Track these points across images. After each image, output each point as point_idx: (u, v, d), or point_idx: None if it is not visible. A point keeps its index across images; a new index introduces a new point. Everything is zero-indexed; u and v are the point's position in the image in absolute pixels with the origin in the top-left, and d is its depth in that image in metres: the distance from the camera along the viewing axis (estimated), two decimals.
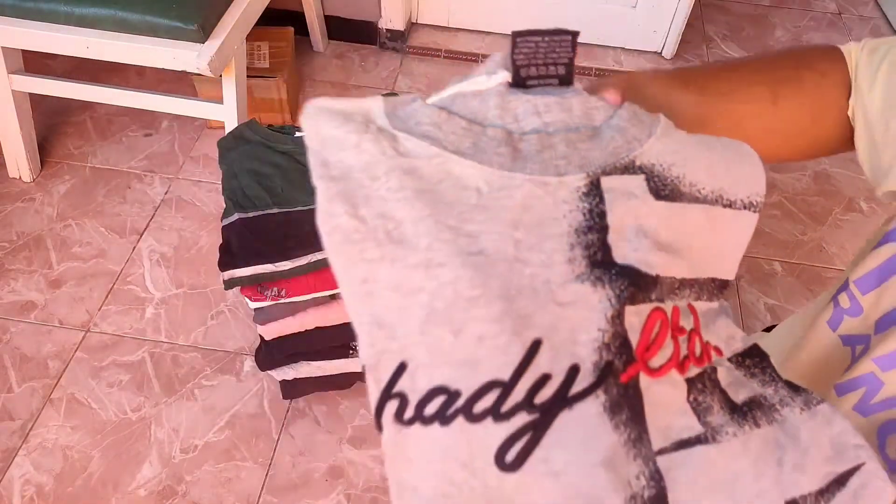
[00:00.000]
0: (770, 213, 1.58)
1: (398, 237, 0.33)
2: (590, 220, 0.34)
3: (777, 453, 0.36)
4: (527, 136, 0.35)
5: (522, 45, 0.37)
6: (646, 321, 0.34)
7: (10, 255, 1.41)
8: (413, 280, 0.33)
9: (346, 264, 0.34)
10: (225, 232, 0.98)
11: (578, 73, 1.94)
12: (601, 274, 0.33)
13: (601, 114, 0.37)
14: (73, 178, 1.57)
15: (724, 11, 2.19)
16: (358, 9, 1.91)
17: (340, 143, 0.35)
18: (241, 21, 1.33)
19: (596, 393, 0.32)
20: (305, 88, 1.84)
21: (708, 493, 0.34)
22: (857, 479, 0.36)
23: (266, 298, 0.97)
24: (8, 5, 1.27)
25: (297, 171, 1.03)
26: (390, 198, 0.33)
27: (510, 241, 0.33)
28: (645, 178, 0.36)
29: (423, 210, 0.33)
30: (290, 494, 1.11)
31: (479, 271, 0.32)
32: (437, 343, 0.33)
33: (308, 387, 1.16)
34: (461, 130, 0.35)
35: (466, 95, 0.37)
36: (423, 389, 0.33)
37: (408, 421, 0.33)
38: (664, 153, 0.37)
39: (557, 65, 0.38)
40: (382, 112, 0.36)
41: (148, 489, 1.10)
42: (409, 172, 0.34)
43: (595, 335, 0.32)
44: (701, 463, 0.34)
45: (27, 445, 1.15)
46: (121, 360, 1.26)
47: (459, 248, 0.33)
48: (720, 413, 0.36)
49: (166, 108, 1.46)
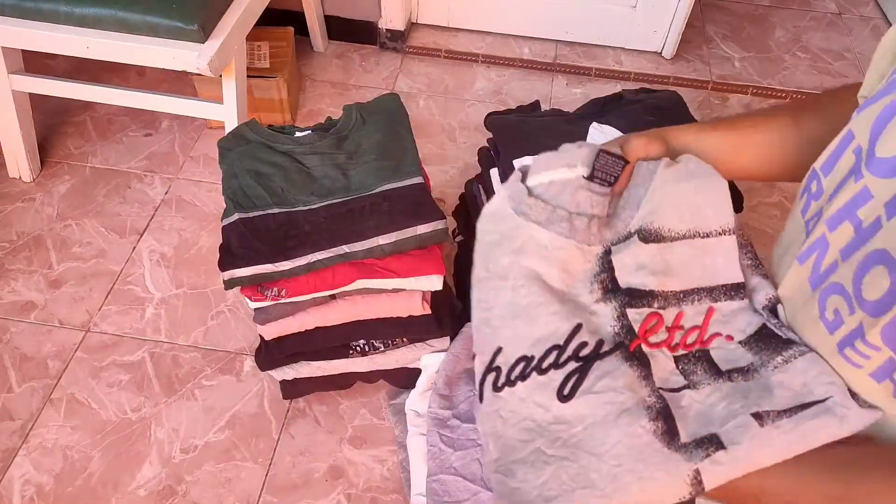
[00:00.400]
0: (770, 213, 1.58)
1: (503, 273, 0.61)
2: (603, 269, 0.62)
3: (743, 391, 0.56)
4: (579, 217, 0.62)
5: (601, 157, 0.63)
6: (644, 318, 0.60)
7: (10, 255, 1.41)
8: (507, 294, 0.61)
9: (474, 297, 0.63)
10: (225, 232, 0.98)
11: (580, 74, 1.94)
12: (610, 296, 0.61)
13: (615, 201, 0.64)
14: (73, 178, 1.57)
15: (724, 11, 2.19)
16: (358, 9, 1.91)
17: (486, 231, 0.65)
18: (241, 21, 1.33)
19: (615, 353, 0.57)
20: (305, 88, 1.84)
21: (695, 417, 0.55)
22: (822, 406, 0.51)
23: (266, 298, 0.97)
24: (8, 5, 1.27)
25: (298, 171, 1.03)
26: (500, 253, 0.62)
27: (560, 276, 0.61)
28: (637, 236, 0.61)
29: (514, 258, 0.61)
30: (290, 494, 1.11)
31: (544, 289, 0.60)
32: (519, 330, 0.59)
33: (308, 387, 1.16)
34: (541, 208, 0.62)
35: (555, 182, 0.63)
36: (511, 361, 0.58)
37: (500, 387, 0.58)
38: (646, 216, 0.61)
39: (612, 175, 0.63)
40: (508, 203, 0.63)
41: (148, 489, 1.10)
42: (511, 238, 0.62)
43: (609, 327, 0.60)
44: (686, 399, 0.57)
45: (27, 445, 1.15)
46: (121, 360, 1.26)
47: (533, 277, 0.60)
48: (702, 374, 0.58)
49: (166, 108, 1.46)
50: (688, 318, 0.61)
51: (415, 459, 1.06)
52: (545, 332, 0.59)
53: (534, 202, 0.62)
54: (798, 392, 0.53)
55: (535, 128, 1.10)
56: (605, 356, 0.57)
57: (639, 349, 0.58)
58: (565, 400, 0.56)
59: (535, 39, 2.01)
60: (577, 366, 0.57)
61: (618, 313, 0.60)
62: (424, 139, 1.68)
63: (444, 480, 0.84)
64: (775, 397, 0.53)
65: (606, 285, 0.61)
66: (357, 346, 1.08)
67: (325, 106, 1.79)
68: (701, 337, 0.60)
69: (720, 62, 1.99)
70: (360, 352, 1.09)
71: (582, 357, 0.57)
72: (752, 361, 0.58)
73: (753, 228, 1.54)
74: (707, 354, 0.59)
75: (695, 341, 0.60)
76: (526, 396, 0.57)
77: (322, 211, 0.98)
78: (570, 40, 2.01)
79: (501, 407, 0.58)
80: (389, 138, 1.06)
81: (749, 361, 0.58)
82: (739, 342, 0.60)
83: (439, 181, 1.59)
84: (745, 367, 0.58)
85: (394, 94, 1.14)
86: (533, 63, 1.94)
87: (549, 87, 1.89)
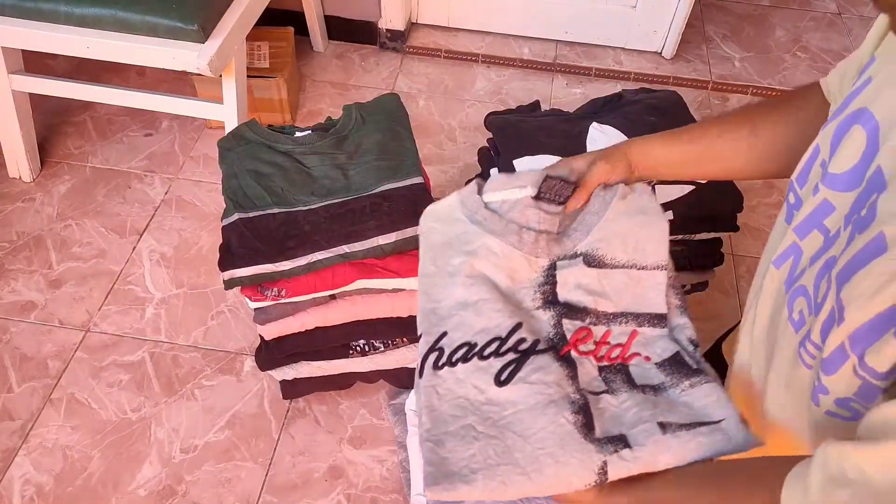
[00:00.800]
0: (770, 213, 1.58)
1: (452, 271, 0.69)
2: (547, 281, 0.70)
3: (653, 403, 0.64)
4: (527, 231, 0.71)
5: (548, 181, 0.71)
6: (577, 330, 0.69)
7: (10, 255, 1.41)
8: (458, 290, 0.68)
9: (422, 287, 0.70)
10: (225, 232, 0.98)
11: (580, 74, 1.94)
12: (550, 306, 0.70)
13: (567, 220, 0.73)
14: (73, 178, 1.57)
15: (724, 11, 2.19)
16: (358, 9, 1.91)
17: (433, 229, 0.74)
18: (241, 21, 1.33)
19: (549, 352, 0.65)
20: (305, 88, 1.84)
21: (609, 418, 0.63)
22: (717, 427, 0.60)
23: (266, 298, 0.97)
24: (8, 5, 1.27)
25: (298, 171, 1.03)
26: (452, 253, 0.70)
27: (507, 282, 0.70)
28: (582, 258, 0.70)
29: (466, 258, 0.69)
30: (290, 494, 1.11)
31: (492, 289, 0.68)
32: (466, 319, 0.66)
33: (308, 387, 1.16)
34: (495, 220, 0.71)
35: (507, 201, 0.72)
36: (454, 345, 0.65)
37: (440, 366, 0.65)
38: (594, 243, 0.70)
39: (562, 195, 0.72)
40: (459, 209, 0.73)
41: (148, 489, 1.10)
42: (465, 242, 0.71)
43: (545, 332, 0.68)
44: (604, 402, 0.64)
45: (27, 445, 1.15)
46: (121, 360, 1.26)
47: (483, 278, 0.69)
48: (620, 384, 0.66)
49: (166, 108, 1.46)
50: (614, 336, 0.70)
51: (414, 459, 1.06)
52: (489, 325, 0.66)
53: (489, 214, 0.72)
54: (698, 412, 0.62)
55: (534, 128, 1.10)
56: (541, 353, 0.65)
57: (569, 354, 0.67)
58: (502, 385, 0.64)
59: (535, 39, 2.01)
60: (515, 357, 0.65)
61: (555, 321, 0.69)
62: (424, 139, 1.68)
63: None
64: (679, 413, 0.62)
65: (548, 296, 0.70)
66: (357, 346, 1.08)
67: (325, 106, 1.79)
68: (623, 354, 0.69)
69: (720, 62, 1.99)
70: (360, 352, 1.09)
71: (520, 350, 0.65)
72: (663, 381, 0.67)
73: (753, 228, 1.55)
74: (626, 369, 0.68)
75: (617, 356, 0.69)
76: (464, 378, 0.64)
77: (322, 211, 0.98)
78: (570, 40, 2.01)
79: (439, 384, 0.64)
80: (389, 138, 1.06)
81: (661, 381, 0.67)
82: (655, 363, 0.69)
83: (439, 181, 1.59)
84: (657, 385, 0.66)
85: (394, 94, 1.14)
86: (533, 63, 1.94)
87: (549, 87, 1.89)
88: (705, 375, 0.66)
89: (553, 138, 1.08)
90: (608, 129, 1.09)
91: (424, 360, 0.66)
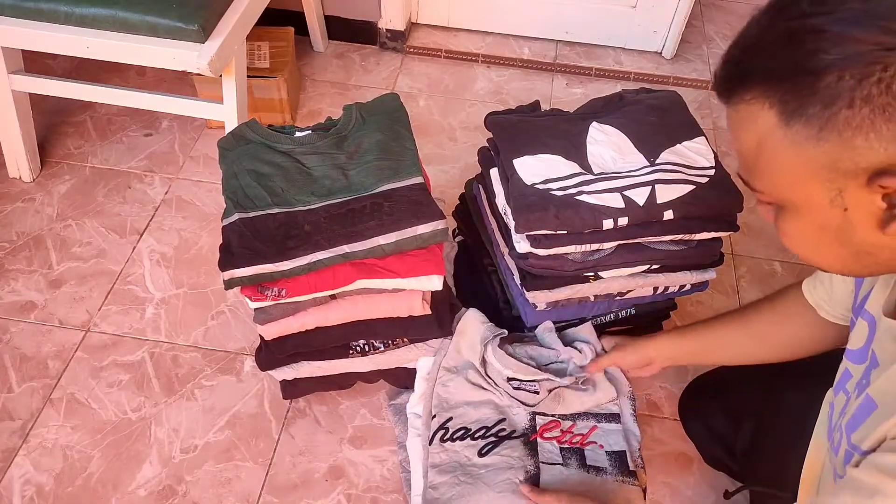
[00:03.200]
0: None
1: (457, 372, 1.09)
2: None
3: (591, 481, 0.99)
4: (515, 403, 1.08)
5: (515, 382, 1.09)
6: (546, 423, 1.05)
7: (10, 255, 1.41)
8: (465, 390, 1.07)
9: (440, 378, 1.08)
10: (225, 232, 0.98)
11: (580, 74, 1.94)
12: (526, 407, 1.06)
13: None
14: (73, 178, 1.57)
15: (724, 11, 2.19)
16: (358, 9, 1.91)
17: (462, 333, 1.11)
18: (241, 21, 1.33)
19: (520, 438, 1.04)
20: (305, 88, 1.84)
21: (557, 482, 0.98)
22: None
23: (266, 298, 0.97)
24: (8, 5, 1.27)
25: (298, 171, 1.03)
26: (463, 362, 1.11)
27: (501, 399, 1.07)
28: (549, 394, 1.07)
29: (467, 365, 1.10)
30: (290, 494, 1.11)
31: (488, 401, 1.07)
32: (466, 413, 1.06)
33: (308, 387, 1.16)
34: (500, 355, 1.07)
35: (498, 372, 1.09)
36: (456, 427, 1.05)
37: (444, 440, 1.04)
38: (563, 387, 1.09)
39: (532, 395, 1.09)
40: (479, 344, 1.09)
41: (148, 489, 1.10)
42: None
43: (522, 425, 1.05)
44: (556, 470, 1.00)
45: (27, 445, 1.14)
46: (121, 360, 1.26)
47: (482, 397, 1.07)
48: (574, 461, 1.02)
49: (166, 108, 1.46)
50: (578, 428, 1.05)
51: (415, 460, 1.06)
52: (481, 417, 1.05)
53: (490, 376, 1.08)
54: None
55: (535, 128, 1.10)
56: (514, 439, 1.03)
57: (535, 441, 1.03)
58: (482, 456, 1.02)
59: (535, 39, 2.01)
60: (495, 440, 1.03)
61: (530, 417, 1.06)
62: (424, 139, 1.68)
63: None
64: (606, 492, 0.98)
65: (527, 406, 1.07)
66: (357, 346, 1.08)
67: (325, 106, 1.79)
68: (582, 441, 1.04)
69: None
70: (360, 352, 1.08)
71: (499, 436, 1.03)
72: (607, 467, 1.01)
73: (753, 228, 1.55)
74: (582, 452, 1.03)
75: (577, 442, 1.04)
76: (459, 450, 1.02)
77: (322, 211, 0.98)
78: (570, 40, 2.01)
79: (442, 451, 1.02)
80: (389, 138, 1.06)
81: (605, 466, 1.01)
82: (606, 451, 1.03)
83: (439, 181, 1.59)
84: (601, 468, 1.01)
85: (394, 94, 1.14)
86: (533, 63, 1.94)
87: (549, 87, 1.89)
88: (635, 479, 1.00)
89: (553, 138, 1.08)
90: (608, 129, 1.09)
91: (435, 433, 1.03)
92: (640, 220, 1.00)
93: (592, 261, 1.03)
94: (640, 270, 1.08)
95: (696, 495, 1.13)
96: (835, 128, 0.45)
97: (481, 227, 1.21)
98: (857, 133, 0.45)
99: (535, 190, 1.00)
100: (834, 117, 0.45)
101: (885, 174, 0.45)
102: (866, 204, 0.48)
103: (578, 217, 0.97)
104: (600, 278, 1.07)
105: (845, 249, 0.53)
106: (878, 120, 0.43)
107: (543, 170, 1.03)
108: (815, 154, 0.47)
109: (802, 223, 0.53)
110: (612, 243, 1.02)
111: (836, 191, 0.48)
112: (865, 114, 0.44)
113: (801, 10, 0.45)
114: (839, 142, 0.46)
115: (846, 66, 0.43)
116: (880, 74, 0.42)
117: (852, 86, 0.43)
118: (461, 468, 1.00)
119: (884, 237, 0.49)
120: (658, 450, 1.18)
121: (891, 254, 0.51)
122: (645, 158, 1.05)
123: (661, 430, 1.20)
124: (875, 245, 0.50)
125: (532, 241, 1.00)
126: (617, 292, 1.10)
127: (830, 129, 0.45)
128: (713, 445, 1.05)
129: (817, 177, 0.48)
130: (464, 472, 0.99)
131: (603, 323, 1.18)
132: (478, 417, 1.04)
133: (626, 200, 0.99)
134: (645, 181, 1.01)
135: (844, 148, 0.46)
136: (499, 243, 1.14)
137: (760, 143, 0.50)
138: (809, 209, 0.51)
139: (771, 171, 0.51)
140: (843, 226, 0.50)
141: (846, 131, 0.45)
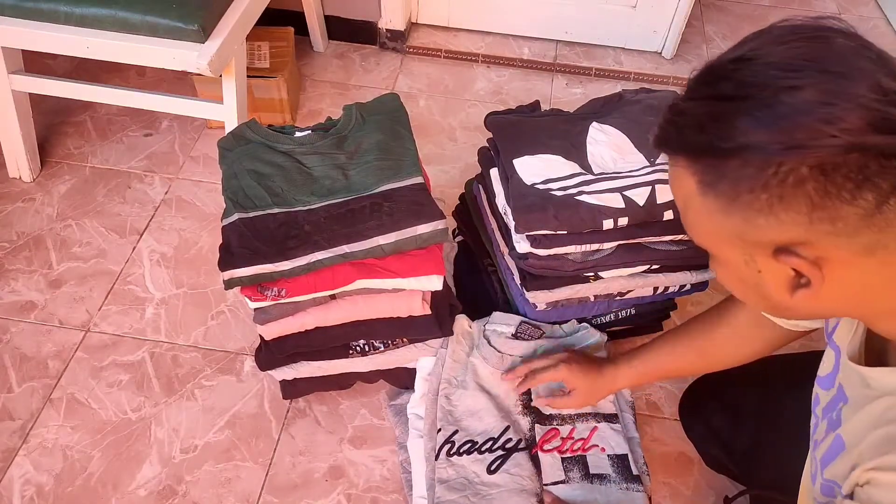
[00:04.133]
0: None
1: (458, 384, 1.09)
2: (525, 398, 1.09)
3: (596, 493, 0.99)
4: (513, 358, 1.09)
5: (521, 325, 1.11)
6: (546, 432, 1.05)
7: (10, 255, 1.41)
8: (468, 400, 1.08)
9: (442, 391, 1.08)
10: (225, 232, 0.98)
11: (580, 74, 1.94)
12: (528, 412, 1.08)
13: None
14: (73, 178, 1.57)
15: (724, 11, 2.19)
16: (358, 9, 1.91)
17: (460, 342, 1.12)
18: (241, 21, 1.33)
19: (525, 450, 1.03)
20: (305, 88, 1.84)
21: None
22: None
23: (266, 298, 0.97)
24: (8, 5, 1.27)
25: (298, 171, 1.03)
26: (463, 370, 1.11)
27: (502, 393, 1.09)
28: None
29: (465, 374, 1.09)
30: (290, 494, 1.11)
31: (489, 398, 1.08)
32: (473, 425, 1.05)
33: (308, 387, 1.16)
34: (488, 351, 1.10)
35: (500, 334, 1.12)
36: (462, 440, 1.04)
37: (451, 454, 1.02)
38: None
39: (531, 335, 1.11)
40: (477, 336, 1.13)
41: (148, 489, 1.10)
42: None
43: (526, 433, 1.05)
44: (558, 490, 1.00)
45: (27, 445, 1.14)
46: (121, 360, 1.26)
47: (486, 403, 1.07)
48: (576, 472, 1.02)
49: (166, 108, 1.46)
50: (578, 431, 1.05)
51: (416, 461, 1.06)
52: (487, 428, 1.04)
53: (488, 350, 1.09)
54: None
55: (534, 128, 1.10)
56: (520, 451, 1.02)
57: (536, 454, 1.03)
58: (491, 473, 1.00)
59: (535, 39, 2.01)
60: (502, 454, 1.02)
61: (530, 426, 1.05)
62: (424, 139, 1.68)
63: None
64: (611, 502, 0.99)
65: (526, 403, 1.08)
66: (357, 346, 1.08)
67: (325, 106, 1.79)
68: (583, 446, 1.04)
69: None
70: (360, 352, 1.09)
71: (506, 448, 1.02)
72: (610, 474, 1.01)
73: None
74: (584, 459, 1.03)
75: (579, 448, 1.04)
76: (467, 465, 1.01)
77: (322, 211, 0.98)
78: (570, 40, 2.01)
79: (449, 466, 1.01)
80: (389, 138, 1.06)
81: (608, 472, 1.02)
82: (608, 455, 1.03)
83: (439, 181, 1.59)
84: (605, 476, 1.01)
85: (394, 94, 1.14)
86: (533, 63, 1.94)
87: (549, 87, 1.89)
88: (640, 485, 1.00)
89: (553, 138, 1.08)
90: (608, 129, 1.09)
91: (441, 447, 1.02)
92: (641, 221, 1.00)
93: (592, 261, 1.03)
94: (640, 270, 1.08)
95: (696, 495, 1.13)
96: (739, 207, 0.49)
97: (481, 227, 1.21)
98: (759, 214, 0.48)
99: (535, 190, 1.00)
100: (738, 198, 0.48)
101: (785, 252, 0.49)
102: (776, 270, 0.51)
103: (578, 217, 0.97)
104: (600, 278, 1.07)
105: (766, 301, 0.57)
106: (776, 206, 0.47)
107: (543, 170, 1.03)
108: (726, 224, 0.51)
109: (727, 272, 0.58)
110: (612, 243, 1.02)
111: (748, 255, 0.52)
112: (764, 199, 0.47)
113: (725, 92, 0.49)
114: (743, 219, 0.49)
115: (749, 156, 0.46)
116: (776, 169, 0.45)
117: (752, 174, 0.47)
118: (470, 486, 0.98)
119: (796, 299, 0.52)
120: (658, 450, 1.18)
121: (808, 312, 0.56)
122: (645, 158, 1.05)
123: (661, 430, 1.20)
124: (790, 305, 0.53)
125: (532, 241, 1.00)
126: (617, 292, 1.10)
127: (735, 207, 0.49)
128: (713, 446, 1.05)
129: (730, 242, 0.52)
130: (474, 491, 0.98)
131: (603, 323, 1.18)
132: (483, 429, 1.03)
133: (626, 200, 0.99)
134: (645, 181, 1.01)
135: (748, 225, 0.49)
136: (499, 243, 1.14)
137: (685, 202, 0.54)
138: (728, 264, 0.55)
139: (695, 227, 0.56)
140: (759, 283, 0.54)
141: (748, 211, 0.48)
